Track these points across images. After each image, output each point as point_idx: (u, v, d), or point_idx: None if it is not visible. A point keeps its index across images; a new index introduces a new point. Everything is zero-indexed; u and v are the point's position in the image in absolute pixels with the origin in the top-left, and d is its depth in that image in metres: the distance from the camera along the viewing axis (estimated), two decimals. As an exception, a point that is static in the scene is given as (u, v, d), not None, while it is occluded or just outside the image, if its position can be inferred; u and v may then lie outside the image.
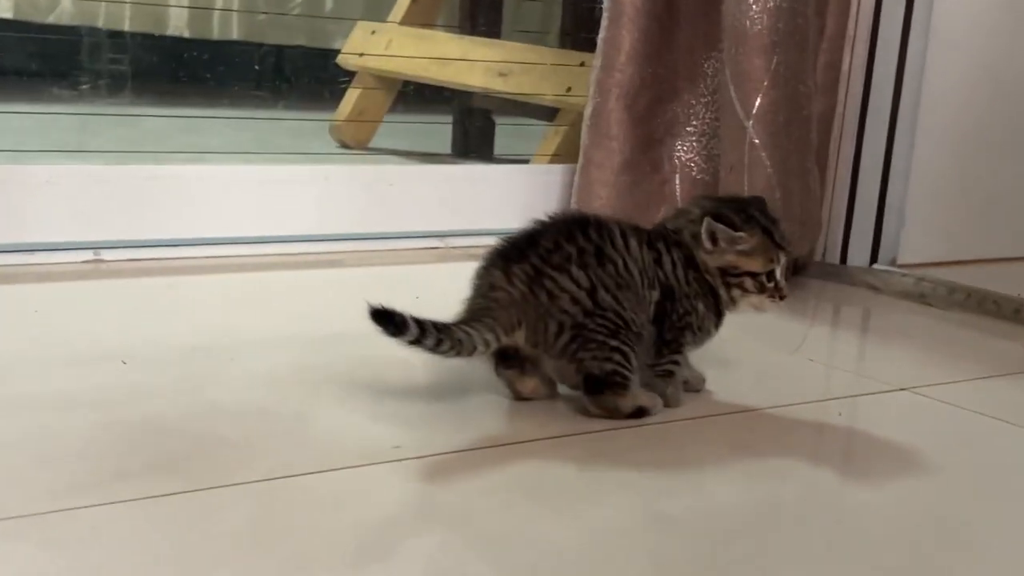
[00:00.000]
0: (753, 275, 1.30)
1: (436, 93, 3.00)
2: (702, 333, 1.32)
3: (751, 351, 1.59)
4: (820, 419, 1.35)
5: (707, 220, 1.29)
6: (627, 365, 1.25)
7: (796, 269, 2.10)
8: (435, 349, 1.19)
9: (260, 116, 2.96)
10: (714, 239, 1.29)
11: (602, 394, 1.25)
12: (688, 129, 2.11)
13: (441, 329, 1.20)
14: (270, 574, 0.89)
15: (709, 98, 2.08)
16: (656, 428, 1.26)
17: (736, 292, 1.31)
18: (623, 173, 2.09)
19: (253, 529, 0.96)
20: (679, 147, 2.11)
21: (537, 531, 0.99)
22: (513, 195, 2.19)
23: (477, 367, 1.33)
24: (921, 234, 2.22)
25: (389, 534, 0.98)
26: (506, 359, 1.29)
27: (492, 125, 2.99)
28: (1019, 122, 2.34)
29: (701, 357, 1.40)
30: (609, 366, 1.25)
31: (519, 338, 1.25)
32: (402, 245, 2.09)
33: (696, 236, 1.30)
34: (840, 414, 1.37)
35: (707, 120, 2.09)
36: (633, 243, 1.28)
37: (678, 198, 2.10)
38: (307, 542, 0.94)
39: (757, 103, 1.89)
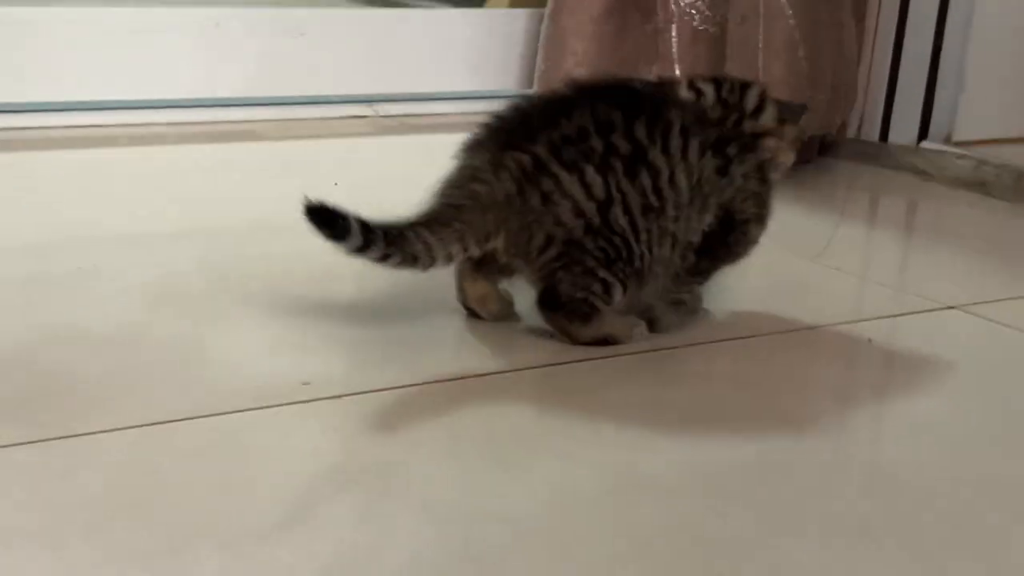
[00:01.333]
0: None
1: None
2: (741, 259, 1.36)
3: (760, 257, 1.59)
4: (845, 348, 1.37)
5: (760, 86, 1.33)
6: (605, 298, 1.26)
7: (823, 148, 2.11)
8: (383, 261, 1.20)
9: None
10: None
11: (555, 312, 1.27)
12: (689, -36, 2.09)
13: (393, 237, 1.20)
14: (144, 548, 0.89)
15: (716, -75, 2.06)
16: (640, 359, 1.27)
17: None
18: (604, 22, 2.07)
19: (121, 490, 0.96)
20: (677, -12, 2.10)
21: (484, 494, 1.00)
22: (462, 48, 2.18)
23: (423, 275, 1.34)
24: (986, 102, 2.22)
25: (292, 498, 0.98)
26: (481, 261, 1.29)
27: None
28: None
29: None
30: (580, 294, 1.26)
31: (496, 246, 1.25)
32: (316, 113, 2.07)
33: (794, 139, 1.33)
34: (871, 341, 1.38)
35: (714, -47, 2.07)
36: (695, 145, 1.27)
37: (674, 55, 2.09)
38: (189, 506, 0.95)
39: (778, -66, 1.87)
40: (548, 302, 1.27)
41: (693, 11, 2.09)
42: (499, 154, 1.24)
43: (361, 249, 1.19)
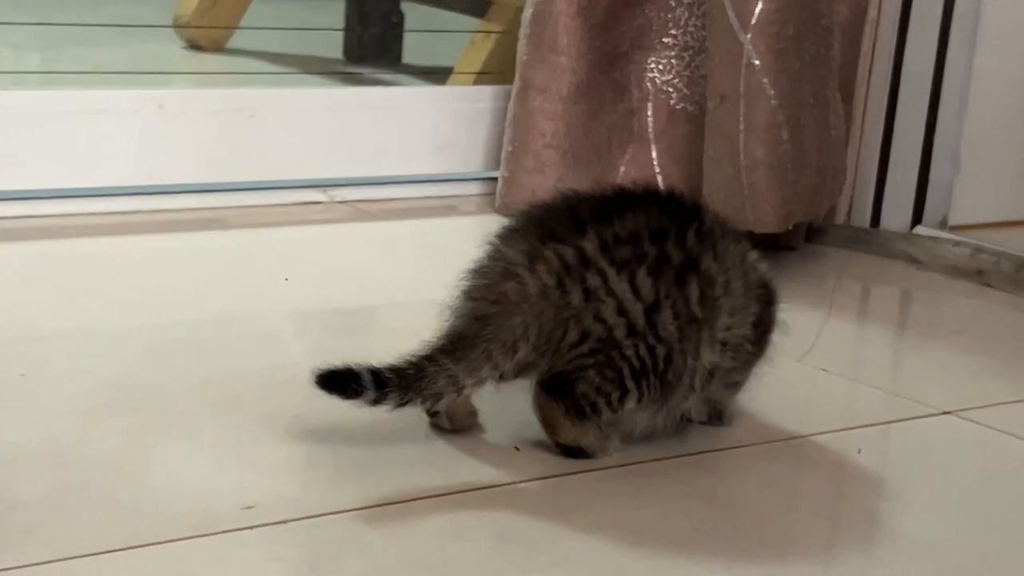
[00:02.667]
0: None
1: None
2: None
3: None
4: (832, 460, 1.37)
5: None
6: (615, 408, 1.26)
7: (810, 234, 2.12)
8: (404, 406, 1.20)
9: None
10: None
11: (556, 401, 1.26)
12: (665, 41, 2.11)
13: (410, 379, 1.20)
14: None
15: (694, -2, 2.08)
16: (612, 474, 1.27)
17: None
18: (575, 100, 2.09)
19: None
20: (652, 65, 2.11)
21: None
22: (423, 129, 2.19)
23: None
24: (983, 184, 2.24)
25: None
26: None
27: (400, 22, 2.97)
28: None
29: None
30: (595, 397, 1.26)
31: (523, 351, 1.24)
32: (268, 199, 2.08)
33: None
34: (860, 451, 1.38)
35: (691, 29, 2.09)
36: (735, 248, 1.30)
37: (651, 135, 2.11)
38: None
39: (758, 10, 1.89)
40: (555, 388, 1.26)
41: (670, 89, 2.11)
42: (539, 245, 1.24)
43: (377, 401, 1.20)
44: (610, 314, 1.23)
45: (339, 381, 1.19)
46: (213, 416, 1.33)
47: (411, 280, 1.83)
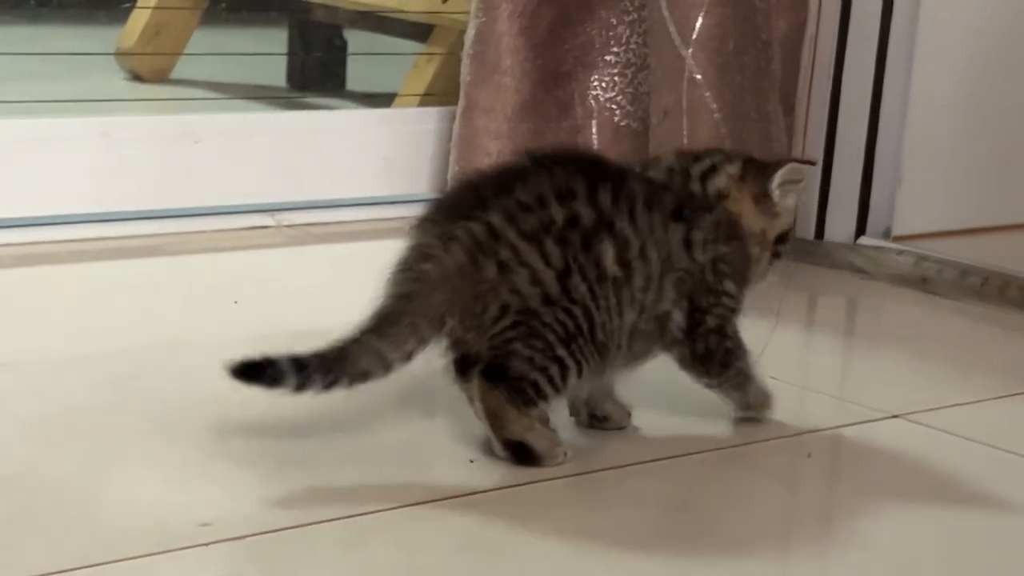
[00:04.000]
0: (786, 237, 1.40)
1: (265, 1, 2.98)
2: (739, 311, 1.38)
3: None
4: (783, 464, 1.38)
5: (792, 166, 1.37)
6: (557, 385, 1.28)
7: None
8: (331, 388, 1.22)
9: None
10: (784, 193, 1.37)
11: (496, 386, 1.27)
12: (607, 59, 2.12)
13: (332, 361, 1.22)
14: None
15: (635, 16, 2.09)
16: (564, 483, 1.27)
17: (777, 261, 1.41)
18: (520, 119, 2.09)
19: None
20: (595, 83, 2.13)
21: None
22: (369, 151, 2.19)
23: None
24: (925, 194, 2.26)
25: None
26: (459, 358, 1.30)
27: (343, 48, 2.97)
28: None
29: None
30: (533, 375, 1.27)
31: (451, 325, 1.26)
32: (215, 225, 2.07)
33: (760, 197, 1.36)
34: (810, 455, 1.39)
35: (633, 46, 2.11)
36: (657, 218, 1.31)
37: (595, 151, 2.11)
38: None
39: (698, 25, 1.91)
40: (492, 374, 1.27)
41: (614, 106, 2.13)
42: (449, 226, 1.26)
43: (302, 387, 1.21)
44: (524, 285, 1.25)
45: (256, 370, 1.19)
46: (167, 438, 1.33)
47: (361, 302, 1.83)
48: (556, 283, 1.26)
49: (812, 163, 1.45)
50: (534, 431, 1.29)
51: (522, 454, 1.29)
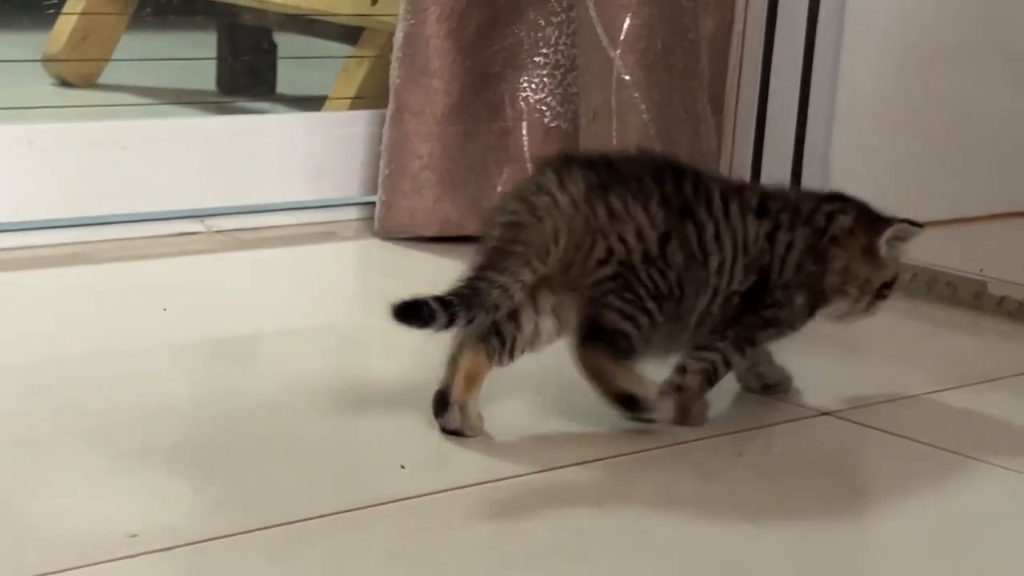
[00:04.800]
0: (892, 284, 1.50)
1: (192, 5, 2.97)
2: (789, 331, 1.48)
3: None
4: (717, 463, 1.38)
5: (901, 227, 1.47)
6: (646, 335, 1.38)
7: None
8: (471, 323, 1.32)
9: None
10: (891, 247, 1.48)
11: (596, 344, 1.37)
12: (536, 60, 2.12)
13: (469, 298, 1.31)
14: None
15: (563, 17, 2.10)
16: (498, 486, 1.28)
17: (879, 304, 1.49)
18: (450, 122, 2.09)
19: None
20: (525, 85, 2.13)
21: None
22: (299, 156, 2.18)
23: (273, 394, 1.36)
24: (853, 192, 2.26)
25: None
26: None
27: (273, 51, 2.96)
28: (982, 35, 2.41)
29: (551, 371, 1.42)
30: (626, 325, 1.37)
31: (552, 258, 1.35)
32: (143, 232, 2.06)
33: (852, 232, 1.46)
34: (741, 454, 1.40)
35: (562, 47, 2.11)
36: (735, 208, 1.42)
37: (526, 154, 2.12)
38: None
39: (626, 25, 1.91)
40: (591, 332, 1.37)
41: (543, 107, 2.13)
42: (567, 169, 1.38)
43: (449, 324, 1.31)
44: (631, 236, 1.36)
45: (413, 311, 1.30)
46: (94, 448, 1.32)
47: (291, 307, 1.83)
48: (656, 244, 1.37)
49: (921, 226, 1.50)
50: (638, 382, 1.38)
51: (631, 404, 1.38)
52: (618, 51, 1.92)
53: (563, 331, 1.40)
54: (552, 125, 2.12)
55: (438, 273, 1.98)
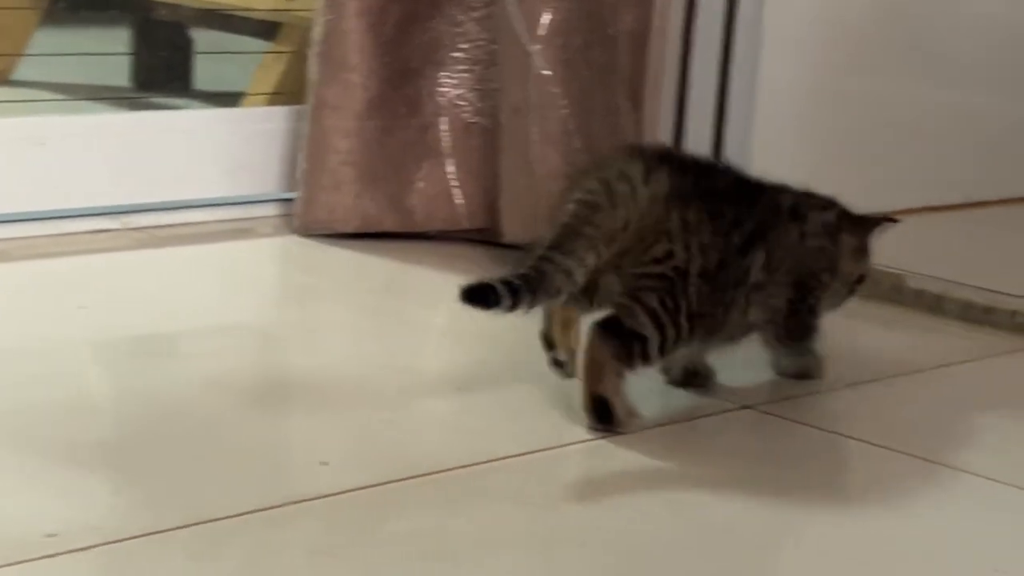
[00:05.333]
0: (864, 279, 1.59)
1: (106, 1, 2.94)
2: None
3: (538, 359, 1.62)
4: (636, 458, 1.39)
5: (886, 224, 1.58)
6: (665, 349, 1.41)
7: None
8: (534, 306, 1.35)
9: None
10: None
11: (610, 340, 1.39)
12: (455, 55, 2.12)
13: (535, 281, 1.33)
14: None
15: (482, 12, 2.09)
16: (419, 482, 1.27)
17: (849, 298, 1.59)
18: (369, 117, 2.09)
19: None
20: (444, 80, 2.12)
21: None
22: (217, 152, 2.16)
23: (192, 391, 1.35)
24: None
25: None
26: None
27: (188, 46, 2.94)
28: (899, 32, 2.44)
29: (473, 368, 1.40)
30: (649, 331, 1.39)
31: (615, 248, 1.38)
32: (59, 229, 2.03)
33: (860, 250, 1.58)
34: (667, 448, 1.41)
35: (481, 43, 2.11)
36: (795, 229, 1.50)
37: (446, 150, 2.11)
38: None
39: (545, 20, 1.91)
40: (610, 326, 1.40)
41: (463, 103, 2.12)
42: (655, 165, 1.42)
43: (513, 307, 1.32)
44: (695, 248, 1.40)
45: (481, 294, 1.31)
46: (11, 446, 1.30)
47: (209, 304, 1.82)
48: (716, 265, 1.41)
49: (896, 221, 1.61)
50: (621, 397, 1.40)
51: (603, 412, 1.40)
52: (537, 46, 1.92)
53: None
54: (471, 121, 2.12)
55: (356, 269, 1.99)
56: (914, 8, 2.47)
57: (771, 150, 2.27)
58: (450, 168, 2.11)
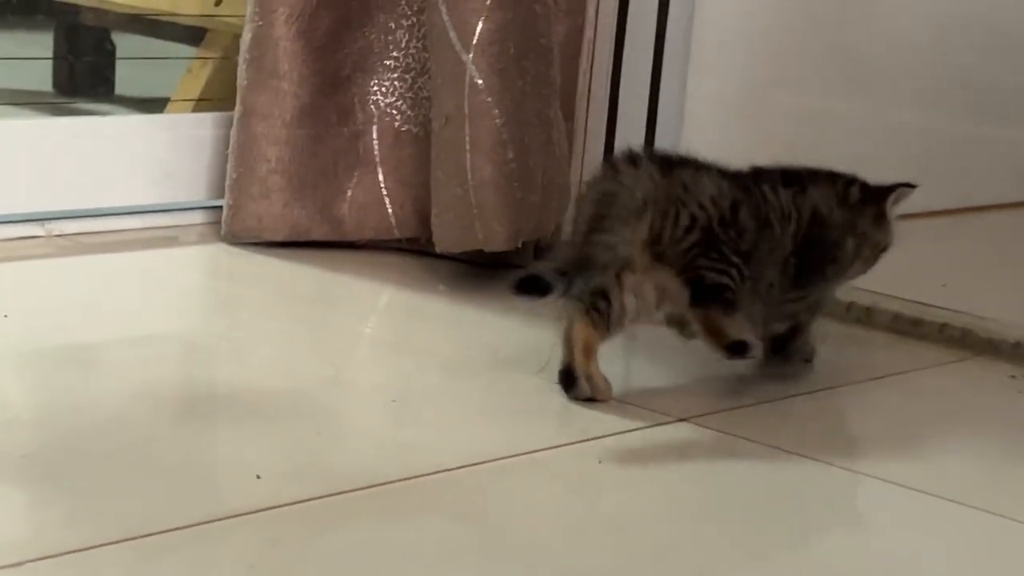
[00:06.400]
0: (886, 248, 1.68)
1: (28, 4, 2.90)
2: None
3: (472, 370, 1.61)
4: (576, 470, 1.38)
5: (903, 189, 1.66)
6: (739, 287, 1.53)
7: (539, 252, 2.13)
8: (587, 283, 1.47)
9: None
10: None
11: (710, 305, 1.53)
12: (386, 63, 2.10)
13: (581, 263, 1.47)
14: None
15: (414, 20, 2.08)
16: (358, 495, 1.26)
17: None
18: (299, 125, 2.06)
19: None
20: (375, 88, 2.11)
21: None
22: (143, 158, 2.13)
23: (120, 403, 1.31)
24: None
25: None
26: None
27: (111, 52, 2.91)
28: (826, 47, 2.46)
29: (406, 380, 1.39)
30: (724, 279, 1.52)
31: (641, 231, 1.50)
32: (-19, 236, 2.00)
33: (881, 217, 1.66)
34: (600, 462, 1.40)
35: (413, 51, 2.09)
36: (768, 188, 1.60)
37: (377, 158, 2.10)
38: None
39: (479, 29, 1.90)
40: (701, 295, 1.53)
41: (394, 111, 2.11)
42: (635, 160, 1.54)
43: (567, 291, 1.45)
44: (707, 201, 1.52)
45: (532, 284, 1.44)
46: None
47: (136, 313, 1.79)
48: (729, 210, 1.53)
49: (913, 186, 1.68)
50: (747, 330, 1.55)
51: (743, 349, 1.54)
52: (471, 55, 1.91)
53: (642, 311, 1.54)
54: (403, 129, 2.10)
55: (286, 279, 1.97)
56: (839, 24, 2.49)
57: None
58: (381, 176, 2.09)
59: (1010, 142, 2.76)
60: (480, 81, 1.91)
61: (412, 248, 2.07)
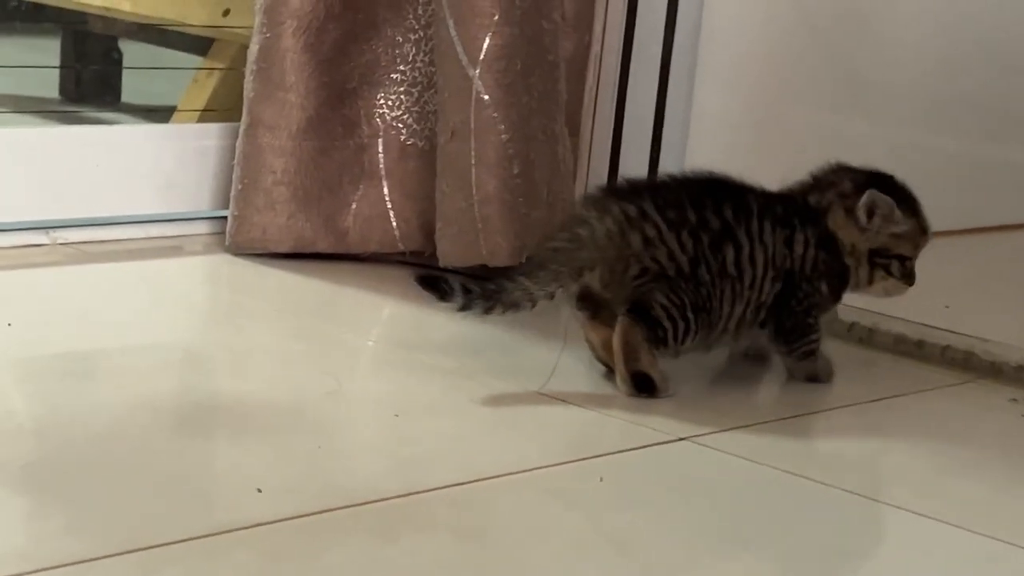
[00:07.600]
0: (902, 259, 1.69)
1: (36, 11, 2.90)
2: (825, 313, 1.69)
3: (475, 386, 1.60)
4: (577, 488, 1.38)
5: (871, 192, 1.65)
6: (679, 339, 1.58)
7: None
8: (488, 313, 1.52)
9: None
10: (871, 215, 1.65)
11: (639, 323, 1.56)
12: (393, 76, 2.10)
13: (491, 291, 1.51)
14: None
15: (421, 34, 2.09)
16: (355, 512, 1.25)
17: (879, 274, 1.68)
18: (305, 137, 2.07)
19: None
20: (381, 101, 2.11)
21: None
22: (149, 168, 2.14)
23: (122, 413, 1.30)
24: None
25: None
26: (582, 298, 1.60)
27: (118, 60, 2.91)
28: (830, 64, 2.45)
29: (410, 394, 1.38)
30: (667, 324, 1.57)
31: (591, 280, 1.57)
32: (-14, 243, 2.00)
33: (850, 212, 1.66)
34: (602, 479, 1.39)
35: (420, 65, 2.09)
36: (767, 226, 1.62)
37: (382, 171, 2.10)
38: None
39: (486, 44, 1.90)
40: (638, 311, 1.57)
41: (400, 124, 2.11)
42: (607, 202, 1.59)
43: (465, 307, 1.51)
44: (663, 258, 1.57)
45: (434, 282, 1.51)
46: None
47: (139, 322, 1.79)
48: (688, 266, 1.57)
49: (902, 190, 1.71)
50: (657, 368, 1.58)
51: (644, 384, 1.58)
52: (477, 70, 1.91)
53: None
54: (408, 143, 2.10)
55: (289, 290, 1.97)
56: (845, 44, 2.49)
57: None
58: (386, 189, 2.09)
59: (1016, 163, 2.76)
60: (486, 96, 1.91)
61: (416, 261, 2.07)
